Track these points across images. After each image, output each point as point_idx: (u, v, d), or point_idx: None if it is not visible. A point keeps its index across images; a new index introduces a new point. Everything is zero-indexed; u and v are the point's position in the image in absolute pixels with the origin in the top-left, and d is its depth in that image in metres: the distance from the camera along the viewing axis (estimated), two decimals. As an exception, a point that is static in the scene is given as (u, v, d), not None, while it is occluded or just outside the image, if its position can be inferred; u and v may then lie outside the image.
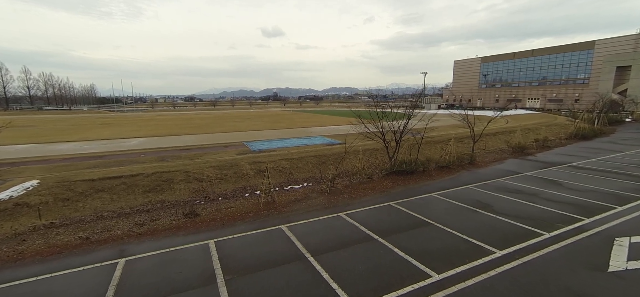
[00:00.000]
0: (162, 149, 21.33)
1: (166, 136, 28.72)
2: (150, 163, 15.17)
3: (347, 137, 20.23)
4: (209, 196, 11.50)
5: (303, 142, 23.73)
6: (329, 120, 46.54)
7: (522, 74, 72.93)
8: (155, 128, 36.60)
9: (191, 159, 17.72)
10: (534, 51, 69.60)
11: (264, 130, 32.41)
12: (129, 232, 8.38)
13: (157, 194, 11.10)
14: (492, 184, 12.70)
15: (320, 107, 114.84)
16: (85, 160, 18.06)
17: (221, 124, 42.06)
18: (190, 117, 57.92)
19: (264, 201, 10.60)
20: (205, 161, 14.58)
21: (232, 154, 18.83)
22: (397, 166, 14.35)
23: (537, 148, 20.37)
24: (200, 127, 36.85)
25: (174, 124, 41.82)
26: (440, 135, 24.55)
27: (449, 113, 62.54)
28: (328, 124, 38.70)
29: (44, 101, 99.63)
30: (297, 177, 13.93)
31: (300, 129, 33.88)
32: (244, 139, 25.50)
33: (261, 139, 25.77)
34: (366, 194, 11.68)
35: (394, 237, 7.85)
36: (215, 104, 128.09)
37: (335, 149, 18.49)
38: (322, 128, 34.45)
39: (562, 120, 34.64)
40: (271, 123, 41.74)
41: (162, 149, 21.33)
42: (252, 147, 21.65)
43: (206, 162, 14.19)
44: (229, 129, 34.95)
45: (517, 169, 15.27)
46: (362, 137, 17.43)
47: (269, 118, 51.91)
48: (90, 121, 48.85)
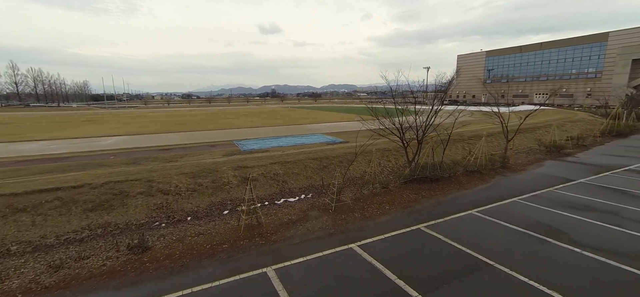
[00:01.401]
0: (140, 149, 18.42)
1: (150, 134, 25.78)
2: (113, 168, 12.26)
3: (354, 135, 17.48)
4: (173, 214, 8.61)
5: (301, 140, 20.85)
6: (328, 116, 43.62)
7: (529, 69, 70.01)
8: (142, 125, 33.62)
9: (168, 161, 14.85)
10: (543, 44, 66.62)
11: (259, 128, 29.48)
12: (31, 282, 5.50)
13: (101, 213, 8.21)
14: (544, 196, 9.86)
15: (319, 103, 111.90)
16: (43, 163, 15.12)
17: (214, 121, 39.08)
18: (182, 114, 54.89)
19: (246, 224, 7.74)
20: (180, 165, 11.70)
21: (218, 156, 15.98)
22: (419, 171, 11.48)
23: (573, 147, 17.56)
24: (191, 125, 33.89)
25: (164, 121, 38.83)
26: (459, 132, 21.68)
27: (455, 108, 59.15)
28: (328, 120, 35.80)
29: (34, 98, 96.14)
30: (292, 187, 11.06)
31: (298, 126, 30.96)
32: (235, 137, 22.59)
33: (254, 137, 22.86)
34: (384, 212, 8.83)
35: (441, 293, 5.02)
36: (211, 101, 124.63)
37: (339, 150, 15.61)
38: (322, 125, 31.54)
39: (584, 116, 31.87)
40: (267, 120, 38.79)
41: (140, 149, 18.42)
42: (242, 146, 18.75)
43: (179, 167, 11.31)
44: (221, 126, 32.00)
45: (565, 174, 12.43)
46: (370, 135, 14.64)
47: (265, 115, 48.95)
48: (74, 118, 45.75)
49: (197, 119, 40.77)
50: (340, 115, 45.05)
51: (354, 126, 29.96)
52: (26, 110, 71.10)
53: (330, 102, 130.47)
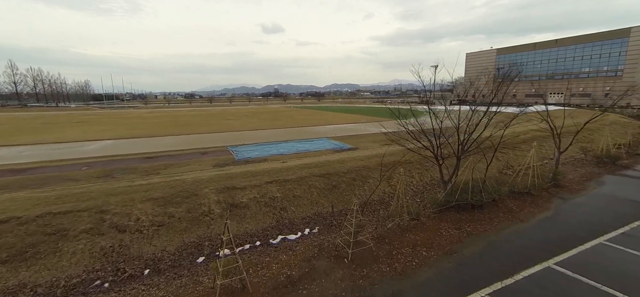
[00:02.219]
0: (121, 157, 16.06)
1: (141, 138, 23.46)
2: (73, 186, 9.83)
3: (364, 140, 15.10)
4: (125, 266, 6.13)
5: (304, 146, 18.33)
6: (333, 117, 41.04)
7: (543, 67, 66.68)
8: (134, 127, 31.34)
9: (147, 174, 12.45)
10: (558, 41, 63.24)
11: (259, 131, 27.02)
12: None
13: (19, 267, 5.76)
14: (638, 234, 7.25)
15: (323, 103, 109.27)
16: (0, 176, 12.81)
17: (212, 122, 36.72)
18: (181, 114, 52.66)
19: (223, 288, 5.24)
20: (149, 187, 9.21)
21: (207, 167, 13.56)
22: (458, 195, 8.89)
23: (627, 156, 14.84)
24: (186, 126, 31.55)
25: (158, 123, 36.55)
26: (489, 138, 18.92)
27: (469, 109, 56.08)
28: (333, 122, 33.26)
29: (34, 98, 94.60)
30: (293, 217, 8.54)
31: (301, 128, 28.46)
32: (231, 142, 20.14)
33: (253, 141, 20.39)
34: (421, 261, 6.29)
35: None
36: (212, 100, 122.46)
37: (349, 162, 13.08)
38: (327, 127, 29.00)
39: (616, 118, 28.97)
40: (268, 121, 36.33)
41: (121, 157, 16.06)
42: (237, 154, 16.29)
43: (149, 188, 8.82)
44: (217, 128, 29.61)
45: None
46: (382, 142, 12.10)
47: (267, 115, 46.52)
48: (67, 119, 43.66)
49: (195, 120, 38.45)
50: (345, 116, 42.49)
51: (362, 129, 27.47)
52: (23, 110, 69.37)
53: (334, 101, 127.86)
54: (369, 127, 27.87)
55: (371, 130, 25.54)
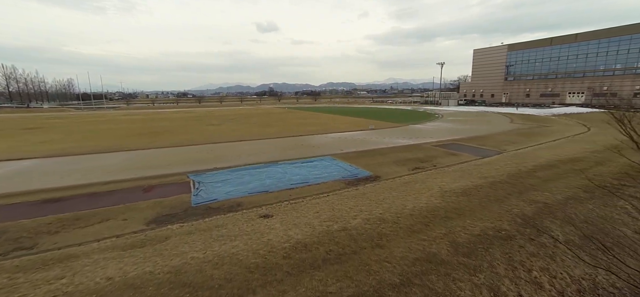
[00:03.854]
0: (16, 196, 10.26)
1: (83, 154, 17.70)
2: None
3: (380, 158, 9.74)
4: None
5: (301, 173, 12.64)
6: (334, 122, 35.38)
7: (561, 64, 61.68)
8: (92, 136, 25.45)
9: (17, 248, 6.78)
10: (578, 36, 58.16)
11: (243, 142, 21.30)
12: None
13: None
14: None
15: (320, 103, 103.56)
16: None
17: (190, 128, 30.87)
18: (160, 117, 46.62)
19: None
20: None
21: (137, 220, 7.94)
22: None
23: None
24: (155, 135, 25.70)
25: (127, 129, 30.62)
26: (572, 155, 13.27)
27: (484, 110, 49.87)
28: (335, 128, 27.61)
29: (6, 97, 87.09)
30: None
31: (296, 138, 22.78)
32: (198, 164, 14.41)
33: (230, 162, 14.65)
34: None
35: None
36: (201, 100, 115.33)
37: (385, 225, 7.48)
38: (329, 137, 23.35)
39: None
40: (258, 127, 30.57)
41: (16, 196, 10.26)
42: (198, 190, 10.58)
43: None
44: (193, 137, 23.84)
45: None
46: (409, 162, 6.67)
47: (257, 119, 40.74)
48: (19, 124, 37.26)
49: (171, 126, 32.49)
50: (347, 120, 36.85)
51: (374, 140, 20.78)
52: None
53: (331, 101, 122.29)
54: (381, 137, 22.31)
55: (386, 142, 19.99)
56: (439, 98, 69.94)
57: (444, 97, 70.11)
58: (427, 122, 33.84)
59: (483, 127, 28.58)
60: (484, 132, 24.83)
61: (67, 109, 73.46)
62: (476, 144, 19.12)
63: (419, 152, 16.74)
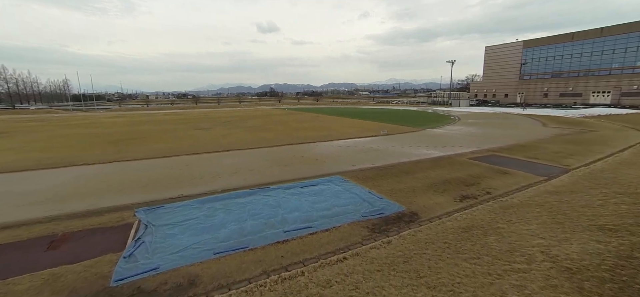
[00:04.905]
0: None
1: (21, 171, 13.82)
2: None
3: (404, 175, 5.75)
4: None
5: (302, 206, 8.64)
6: (340, 125, 31.40)
7: (583, 61, 57.22)
8: (53, 144, 21.74)
9: None
10: (604, 30, 53.78)
11: (233, 152, 17.37)
12: None
13: None
14: None
15: (322, 104, 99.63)
16: None
17: (173, 134, 27.01)
18: (146, 120, 42.84)
19: None
20: None
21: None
22: None
23: None
24: (130, 143, 21.89)
25: (100, 135, 26.84)
26: None
27: (504, 112, 45.44)
28: (342, 134, 23.58)
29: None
30: None
31: (296, 146, 18.83)
32: (160, 188, 10.49)
33: (202, 186, 10.69)
34: None
35: None
36: (197, 101, 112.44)
37: None
38: (336, 145, 19.37)
39: None
40: (252, 132, 26.63)
41: None
42: (141, 243, 6.62)
43: None
44: (170, 148, 19.98)
45: None
46: (449, 185, 4.52)
47: (254, 122, 36.86)
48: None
49: (152, 132, 28.57)
50: (355, 123, 32.84)
51: (390, 149, 15.70)
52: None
53: (333, 102, 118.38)
54: (399, 145, 18.28)
55: (409, 153, 15.94)
56: (449, 98, 65.82)
57: (454, 97, 65.94)
58: (445, 125, 29.78)
59: (514, 132, 24.49)
60: (521, 139, 20.75)
61: (55, 110, 69.89)
62: (523, 156, 15.07)
63: (456, 169, 12.73)
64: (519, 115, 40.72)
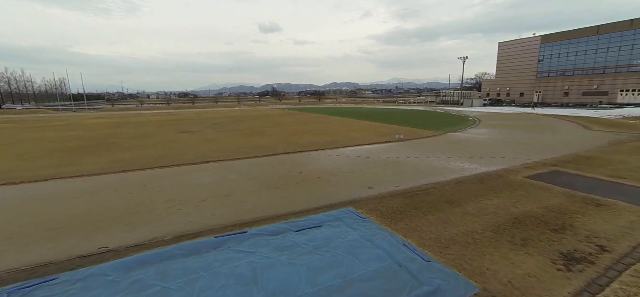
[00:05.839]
0: None
1: None
2: None
3: (437, 202, 5.37)
4: None
5: (295, 285, 4.78)
6: (345, 128, 27.54)
7: (610, 57, 52.78)
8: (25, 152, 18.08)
9: None
10: (634, 22, 49.26)
11: (208, 164, 13.57)
12: None
13: None
14: None
15: (324, 103, 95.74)
16: None
17: (151, 139, 23.30)
18: (130, 121, 39.19)
19: None
20: None
21: None
22: None
23: None
24: (93, 151, 18.24)
25: (66, 140, 23.31)
26: None
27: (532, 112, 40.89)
28: (349, 139, 19.67)
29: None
30: None
31: (293, 156, 15.01)
32: (77, 230, 6.68)
33: (145, 227, 6.90)
34: None
35: None
36: (194, 100, 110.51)
37: None
38: (343, 153, 15.49)
39: None
40: (242, 137, 22.80)
41: None
42: None
43: None
44: (136, 158, 16.31)
45: None
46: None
47: (248, 123, 33.08)
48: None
49: (132, 134, 24.80)
50: (362, 126, 28.90)
51: (412, 159, 11.27)
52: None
53: (336, 101, 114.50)
54: (422, 155, 14.28)
55: (439, 168, 11.89)
56: (459, 97, 61.65)
57: (465, 96, 61.75)
58: (467, 128, 25.79)
59: (558, 137, 20.47)
60: (574, 146, 16.73)
61: (43, 110, 66.54)
62: (601, 174, 11.09)
63: (521, 197, 8.79)
64: (545, 116, 36.63)
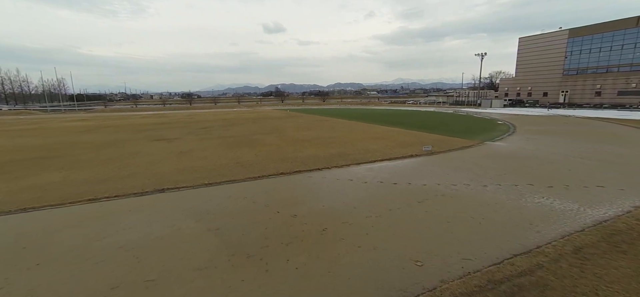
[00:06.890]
0: None
1: None
2: None
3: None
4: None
5: None
6: (355, 134, 22.86)
7: (655, 51, 47.10)
8: None
9: None
10: (682, 12, 43.66)
11: (163, 195, 8.98)
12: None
13: None
14: None
15: (328, 104, 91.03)
16: None
17: (106, 153, 18.91)
18: (108, 125, 34.97)
19: None
20: None
21: None
22: None
23: None
24: (21, 168, 13.81)
25: (7, 151, 18.94)
26: None
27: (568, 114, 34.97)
28: (362, 151, 14.97)
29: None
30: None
31: (288, 178, 10.31)
32: None
33: None
34: None
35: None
36: (191, 101, 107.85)
37: None
38: (359, 176, 10.73)
39: None
40: (227, 148, 18.17)
41: None
42: None
43: None
44: (61, 184, 11.82)
45: None
46: None
47: (241, 128, 28.51)
48: None
49: (93, 142, 20.32)
50: (375, 131, 24.04)
51: (463, 189, 6.76)
52: None
53: (341, 102, 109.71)
54: (476, 181, 9.34)
55: (511, 205, 6.81)
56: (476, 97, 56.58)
57: (483, 96, 56.61)
58: (506, 135, 20.88)
59: (629, 151, 15.49)
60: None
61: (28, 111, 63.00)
62: None
63: None
64: (585, 119, 31.49)
